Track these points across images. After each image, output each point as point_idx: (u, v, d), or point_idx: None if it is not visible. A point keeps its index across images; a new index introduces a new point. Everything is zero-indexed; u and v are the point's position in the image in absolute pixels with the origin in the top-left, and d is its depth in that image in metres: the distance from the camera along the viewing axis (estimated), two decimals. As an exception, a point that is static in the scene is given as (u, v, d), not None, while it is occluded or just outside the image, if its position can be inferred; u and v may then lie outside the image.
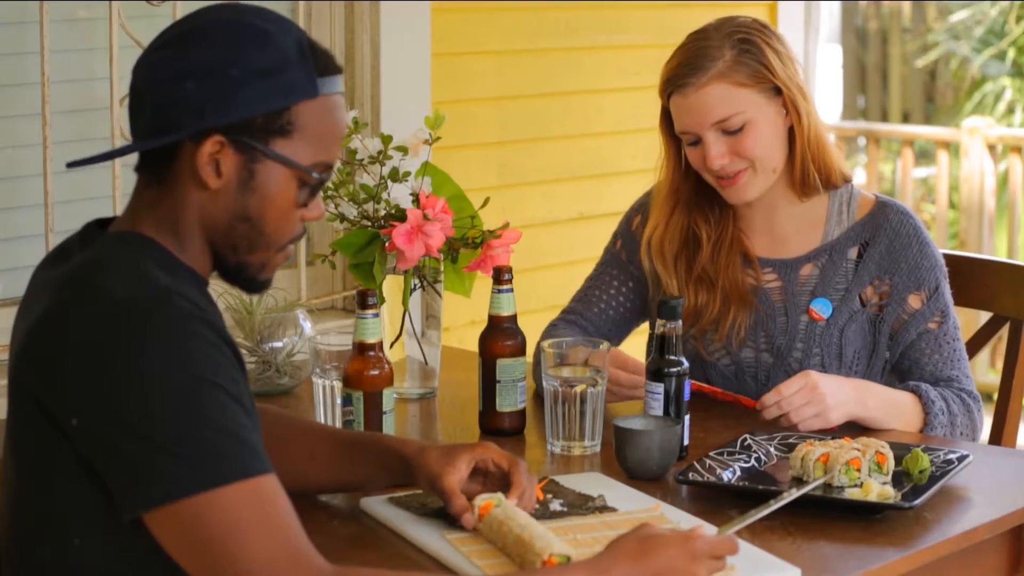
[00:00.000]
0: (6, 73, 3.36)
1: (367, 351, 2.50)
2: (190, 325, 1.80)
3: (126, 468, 1.77)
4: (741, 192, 2.79)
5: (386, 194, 2.87)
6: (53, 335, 1.83)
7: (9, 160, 3.38)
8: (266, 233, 1.92)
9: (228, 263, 1.95)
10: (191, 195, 1.90)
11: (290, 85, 1.87)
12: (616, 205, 4.42)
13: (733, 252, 2.86)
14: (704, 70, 2.74)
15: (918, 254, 2.82)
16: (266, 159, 1.88)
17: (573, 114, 4.31)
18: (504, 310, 2.71)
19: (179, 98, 1.85)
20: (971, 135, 7.20)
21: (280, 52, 1.86)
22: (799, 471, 2.41)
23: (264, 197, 1.90)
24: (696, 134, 2.77)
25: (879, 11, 11.07)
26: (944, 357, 2.82)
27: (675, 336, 2.54)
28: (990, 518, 2.32)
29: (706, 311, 2.85)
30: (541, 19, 4.20)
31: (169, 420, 1.76)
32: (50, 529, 1.86)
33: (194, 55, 1.85)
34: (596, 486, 2.38)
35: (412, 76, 3.84)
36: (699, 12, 4.57)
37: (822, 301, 2.83)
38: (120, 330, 1.78)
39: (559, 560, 2.00)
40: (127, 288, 1.81)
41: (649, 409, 2.54)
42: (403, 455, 2.23)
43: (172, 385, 1.77)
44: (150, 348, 1.77)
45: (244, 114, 1.85)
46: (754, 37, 2.77)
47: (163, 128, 1.86)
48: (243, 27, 1.87)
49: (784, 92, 2.77)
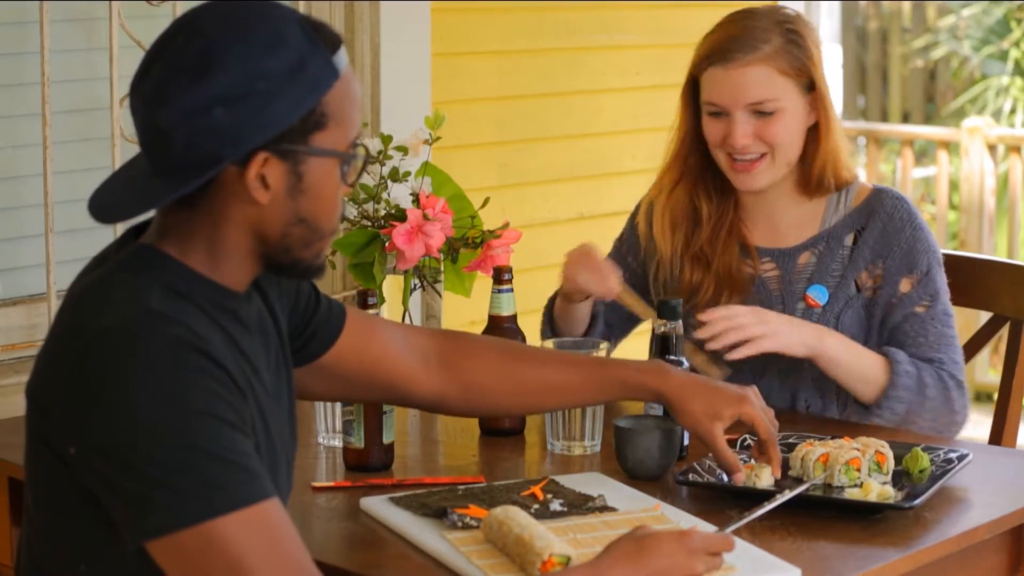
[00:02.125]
0: (6, 73, 3.36)
1: (367, 351, 2.50)
2: (180, 353, 1.75)
3: (124, 499, 1.74)
4: (753, 179, 2.80)
5: (386, 194, 2.87)
6: (50, 361, 1.81)
7: (9, 160, 3.38)
8: (321, 227, 1.88)
9: (282, 263, 1.89)
10: (236, 215, 1.84)
11: (315, 79, 1.80)
12: (616, 205, 4.43)
13: (731, 239, 2.87)
14: (752, 49, 2.75)
15: (911, 238, 2.82)
16: (310, 157, 1.83)
17: (573, 114, 4.31)
18: (504, 310, 2.71)
19: (212, 128, 1.76)
20: (971, 135, 7.20)
21: (295, 48, 1.79)
22: (799, 471, 2.41)
23: (316, 196, 1.85)
24: (727, 110, 2.77)
25: (879, 11, 11.07)
26: (929, 341, 2.79)
27: (675, 336, 2.54)
28: (990, 518, 2.32)
29: (700, 291, 2.85)
30: (541, 19, 4.20)
31: (161, 453, 1.72)
32: (58, 555, 1.86)
33: (214, 80, 1.76)
34: (596, 486, 2.38)
35: (412, 76, 3.84)
36: (699, 12, 4.57)
37: (818, 288, 2.83)
38: (107, 360, 1.74)
39: (559, 560, 2.00)
40: (117, 314, 1.76)
41: (649, 409, 2.54)
42: (655, 390, 2.33)
43: (162, 417, 1.72)
44: (138, 379, 1.73)
45: (282, 125, 1.78)
46: (801, 30, 2.79)
47: (200, 162, 1.77)
48: (252, 35, 1.78)
49: (817, 89, 2.78)
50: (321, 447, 2.64)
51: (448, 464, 2.59)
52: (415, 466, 2.57)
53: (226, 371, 1.79)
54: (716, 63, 2.78)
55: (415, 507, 2.27)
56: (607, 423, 2.57)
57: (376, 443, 2.50)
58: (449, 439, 2.72)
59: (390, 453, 2.53)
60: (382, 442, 2.51)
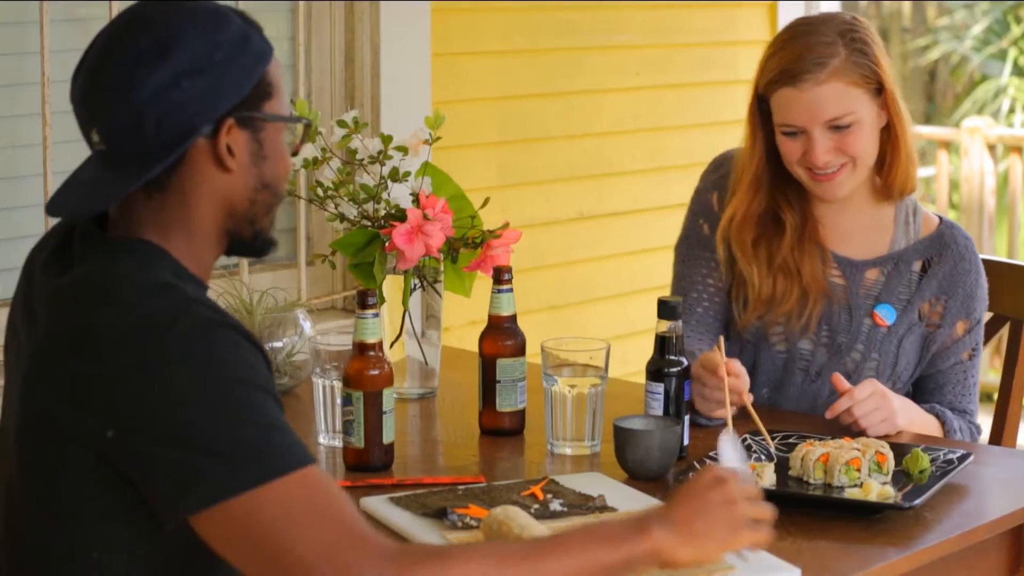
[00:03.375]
0: (6, 73, 3.36)
1: (367, 351, 2.50)
2: (219, 331, 1.81)
3: (169, 474, 1.76)
4: (836, 188, 2.78)
5: (386, 194, 2.87)
6: (78, 351, 1.82)
7: (9, 160, 3.38)
8: (279, 191, 1.98)
9: (244, 237, 1.97)
10: (206, 187, 1.91)
11: (259, 50, 1.91)
12: (616, 205, 4.43)
13: (812, 242, 2.85)
14: (822, 66, 2.72)
15: (974, 284, 2.86)
16: (266, 124, 1.93)
17: (573, 114, 4.31)
18: (504, 310, 2.71)
19: (183, 99, 1.85)
20: (971, 135, 7.20)
21: (235, 24, 1.91)
22: (799, 471, 2.41)
23: (275, 160, 1.95)
24: (804, 129, 2.75)
25: (879, 11, 11.07)
26: (966, 390, 2.87)
27: (675, 336, 2.54)
28: (990, 518, 2.33)
29: (783, 301, 2.83)
30: (541, 19, 4.20)
31: (209, 422, 1.76)
32: (66, 546, 1.85)
33: (175, 57, 1.85)
34: (596, 486, 2.38)
35: (412, 76, 3.84)
36: (699, 12, 4.59)
37: (887, 307, 2.83)
38: (152, 342, 1.78)
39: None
40: (152, 300, 1.82)
41: (649, 409, 2.54)
42: None
43: (209, 388, 1.77)
44: (183, 356, 1.78)
45: (243, 91, 1.89)
46: (861, 34, 2.77)
47: (175, 136, 1.86)
48: (199, 15, 1.89)
49: (886, 92, 2.77)
50: (321, 447, 2.64)
51: (448, 464, 2.59)
52: (415, 466, 2.57)
53: (258, 347, 1.85)
54: (786, 84, 2.74)
55: (415, 507, 2.27)
56: (607, 423, 2.57)
57: (376, 443, 2.50)
58: (449, 439, 2.72)
59: (390, 453, 2.53)
60: (382, 442, 2.51)
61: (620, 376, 3.05)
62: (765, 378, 2.85)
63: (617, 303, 4.43)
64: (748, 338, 2.85)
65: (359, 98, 3.78)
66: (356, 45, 3.78)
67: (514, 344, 2.70)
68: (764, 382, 2.85)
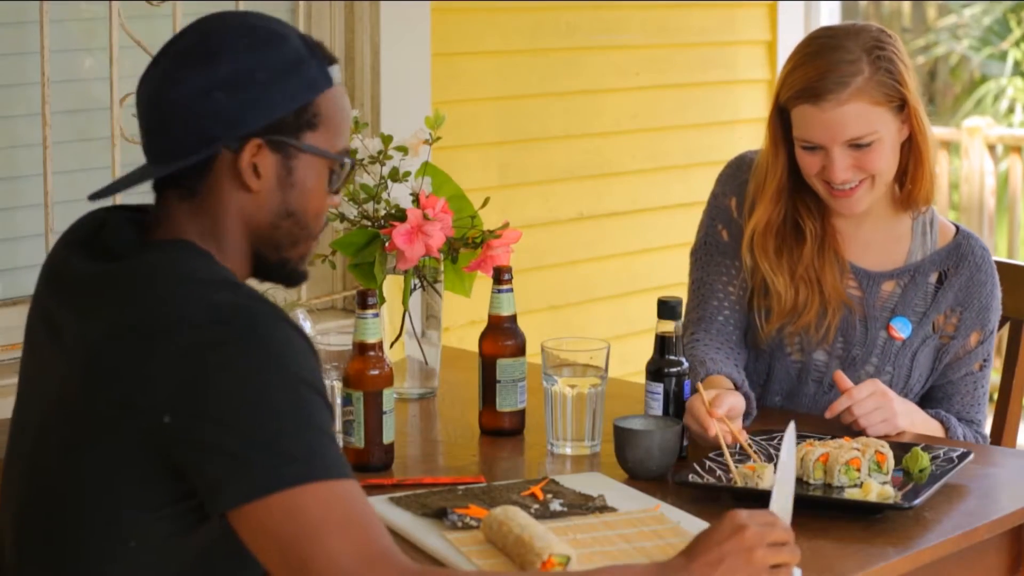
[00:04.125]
0: (6, 73, 3.36)
1: (367, 351, 2.50)
2: (287, 329, 1.84)
3: (223, 462, 1.79)
4: (855, 204, 2.75)
5: (386, 194, 2.87)
6: (146, 337, 1.83)
7: (9, 160, 3.38)
8: (308, 225, 1.98)
9: (270, 261, 1.99)
10: (232, 202, 1.94)
11: (311, 79, 1.92)
12: (616, 205, 4.43)
13: (831, 253, 2.83)
14: (845, 86, 2.67)
15: (990, 295, 2.85)
16: (301, 153, 1.93)
17: (573, 114, 4.31)
18: (504, 310, 2.71)
19: (212, 110, 1.88)
20: (971, 135, 7.20)
21: (294, 49, 1.92)
22: (799, 471, 2.40)
23: (304, 191, 1.95)
24: (824, 146, 2.71)
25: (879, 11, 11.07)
26: (975, 400, 2.86)
27: (675, 336, 2.54)
28: (990, 518, 2.32)
29: (805, 311, 2.80)
30: (541, 19, 4.20)
31: (269, 417, 1.79)
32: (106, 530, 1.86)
33: (217, 66, 1.89)
34: (596, 486, 2.38)
35: (412, 76, 3.84)
36: (699, 12, 4.58)
37: (902, 320, 2.82)
38: (228, 332, 1.81)
39: (559, 560, 2.00)
40: (221, 293, 1.85)
41: (649, 409, 2.54)
42: None
43: (276, 384, 1.80)
44: (250, 349, 1.81)
45: (277, 114, 1.90)
46: (888, 51, 2.71)
47: (199, 143, 1.90)
48: (255, 31, 1.92)
49: (909, 107, 2.73)
50: (321, 447, 2.63)
51: (448, 464, 2.59)
52: (415, 466, 2.57)
53: (313, 349, 1.88)
54: (807, 101, 2.69)
55: (415, 507, 2.27)
56: (607, 423, 2.57)
57: (376, 443, 2.50)
58: (449, 439, 2.72)
59: (390, 453, 2.53)
60: (382, 442, 2.51)
61: (620, 376, 3.05)
62: (778, 387, 2.85)
63: (617, 303, 4.43)
64: (764, 347, 2.84)
65: (359, 98, 3.78)
66: (356, 45, 3.77)
67: (514, 344, 2.70)
68: (777, 390, 2.85)
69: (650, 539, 2.16)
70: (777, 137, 2.79)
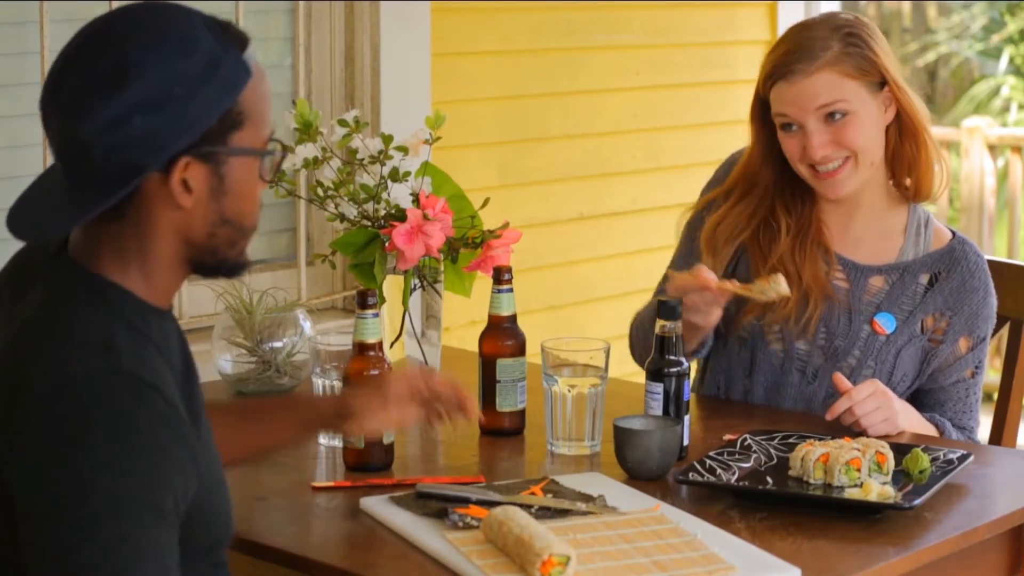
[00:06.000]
0: (6, 73, 3.36)
1: (367, 351, 2.50)
2: (141, 417, 1.72)
3: (38, 554, 1.69)
4: (840, 186, 2.79)
5: (386, 194, 2.87)
6: (9, 388, 1.76)
7: (9, 160, 3.38)
8: (244, 226, 1.89)
9: (208, 264, 1.90)
10: (163, 221, 1.83)
11: (230, 78, 1.80)
12: (616, 205, 4.43)
13: (814, 245, 2.85)
14: (813, 58, 2.74)
15: (981, 302, 2.85)
16: (230, 158, 1.83)
17: (573, 114, 4.31)
18: (504, 310, 2.71)
19: (132, 138, 1.76)
20: (971, 135, 7.20)
21: (206, 49, 1.79)
22: (799, 471, 2.41)
23: (238, 195, 1.86)
24: (798, 121, 2.76)
25: (879, 11, 11.07)
26: (967, 407, 2.87)
27: (675, 336, 2.54)
28: (990, 518, 2.33)
29: (781, 304, 2.81)
30: (541, 19, 4.20)
31: (97, 525, 1.68)
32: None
33: (128, 88, 1.76)
34: (596, 486, 2.38)
35: (412, 76, 3.84)
36: (699, 12, 4.58)
37: (887, 316, 2.83)
38: (69, 411, 1.71)
39: (559, 560, 2.00)
40: (88, 362, 1.74)
41: (649, 409, 2.54)
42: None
43: (103, 490, 1.69)
44: (94, 440, 1.70)
45: (201, 128, 1.79)
46: (859, 31, 2.78)
47: (124, 172, 1.77)
48: (165, 41, 1.78)
49: (888, 84, 2.79)
50: (321, 447, 2.64)
51: (448, 464, 2.59)
52: (415, 466, 2.57)
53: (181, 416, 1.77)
54: (780, 78, 2.77)
55: (415, 507, 2.27)
56: (607, 423, 2.57)
57: (376, 443, 2.50)
58: (449, 439, 2.72)
59: (390, 453, 2.53)
60: (382, 442, 2.51)
61: (620, 376, 3.05)
62: (763, 377, 2.85)
63: (617, 303, 4.42)
64: (745, 336, 2.85)
65: (359, 98, 3.78)
66: (356, 45, 3.77)
67: (514, 344, 2.70)
68: (762, 381, 2.85)
69: (650, 539, 2.16)
70: (755, 129, 2.86)
